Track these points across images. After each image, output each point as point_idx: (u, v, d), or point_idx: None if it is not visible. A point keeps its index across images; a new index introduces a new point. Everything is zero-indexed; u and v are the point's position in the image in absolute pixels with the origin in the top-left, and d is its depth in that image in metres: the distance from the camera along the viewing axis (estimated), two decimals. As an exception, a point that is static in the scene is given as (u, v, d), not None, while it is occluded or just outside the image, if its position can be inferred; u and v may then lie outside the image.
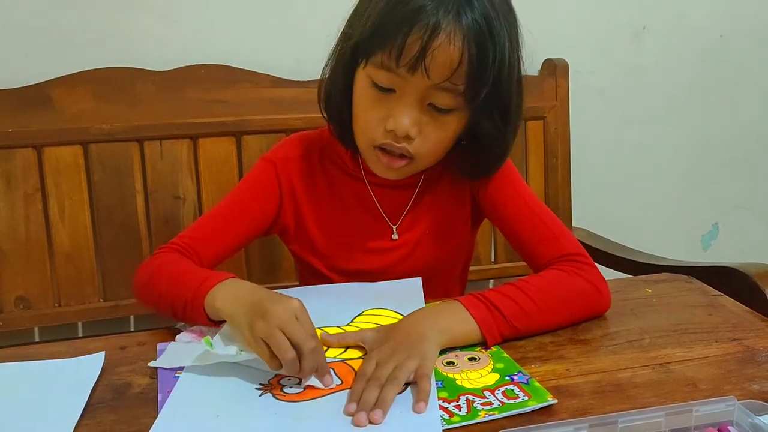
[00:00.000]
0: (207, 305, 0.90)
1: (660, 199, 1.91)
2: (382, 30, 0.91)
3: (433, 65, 0.90)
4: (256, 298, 0.85)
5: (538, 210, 1.06)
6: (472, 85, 0.92)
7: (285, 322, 0.80)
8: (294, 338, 0.79)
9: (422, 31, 0.88)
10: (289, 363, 0.79)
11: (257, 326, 0.80)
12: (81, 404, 0.79)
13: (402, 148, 0.97)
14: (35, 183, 1.39)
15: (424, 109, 0.95)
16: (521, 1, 0.99)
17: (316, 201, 1.11)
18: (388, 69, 0.92)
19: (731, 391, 0.80)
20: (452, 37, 0.89)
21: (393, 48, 0.90)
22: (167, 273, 0.98)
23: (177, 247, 1.04)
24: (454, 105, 0.94)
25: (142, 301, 1.03)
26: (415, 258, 1.12)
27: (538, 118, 1.64)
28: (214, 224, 1.08)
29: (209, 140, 1.47)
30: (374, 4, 0.93)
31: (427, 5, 0.89)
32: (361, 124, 1.00)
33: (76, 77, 1.40)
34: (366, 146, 1.01)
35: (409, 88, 0.93)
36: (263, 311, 0.81)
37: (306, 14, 1.53)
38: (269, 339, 0.79)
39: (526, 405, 0.77)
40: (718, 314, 1.01)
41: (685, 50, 1.82)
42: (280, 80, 1.50)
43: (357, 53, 0.95)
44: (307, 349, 0.79)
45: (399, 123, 0.94)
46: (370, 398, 0.76)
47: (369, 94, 0.96)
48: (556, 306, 0.94)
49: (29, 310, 1.41)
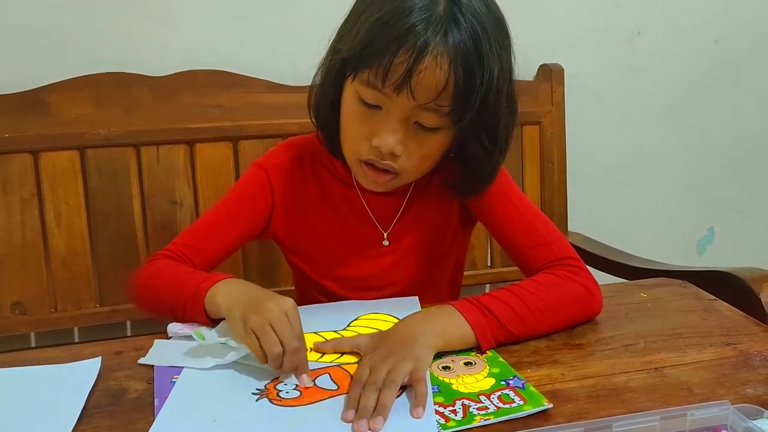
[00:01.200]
0: (207, 302, 0.93)
1: (656, 203, 1.92)
2: (369, 48, 0.90)
3: (419, 87, 0.89)
4: (254, 294, 0.90)
5: (529, 214, 1.06)
6: (458, 107, 0.92)
7: (275, 319, 0.84)
8: (281, 335, 0.83)
9: (409, 52, 0.88)
10: (274, 358, 0.82)
11: (250, 319, 0.84)
12: (77, 409, 0.79)
13: (387, 165, 0.97)
14: (31, 188, 1.39)
15: (410, 127, 0.95)
16: (516, 7, 0.99)
17: (307, 207, 1.11)
18: (375, 87, 0.92)
19: (725, 396, 0.80)
20: (439, 60, 0.88)
21: (380, 67, 0.89)
22: (166, 275, 1.01)
23: (171, 254, 1.06)
24: (440, 124, 0.94)
25: (139, 305, 1.05)
26: (406, 263, 1.12)
27: (534, 123, 1.64)
28: (206, 231, 1.10)
29: (206, 145, 1.47)
30: (363, 20, 0.92)
31: (417, 25, 0.88)
32: (347, 138, 1.00)
33: (72, 82, 1.41)
34: (352, 159, 1.01)
35: (394, 107, 0.93)
36: (257, 306, 0.85)
37: (302, 19, 1.54)
38: (259, 332, 0.83)
39: (522, 410, 0.77)
40: (712, 319, 1.01)
41: (680, 54, 1.83)
42: (276, 85, 1.50)
43: (345, 68, 0.95)
44: (290, 348, 0.83)
45: (384, 141, 0.94)
46: (369, 404, 0.77)
47: (356, 109, 0.96)
48: (549, 310, 0.95)
49: (25, 316, 1.41)
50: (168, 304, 0.98)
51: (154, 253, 1.08)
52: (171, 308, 0.97)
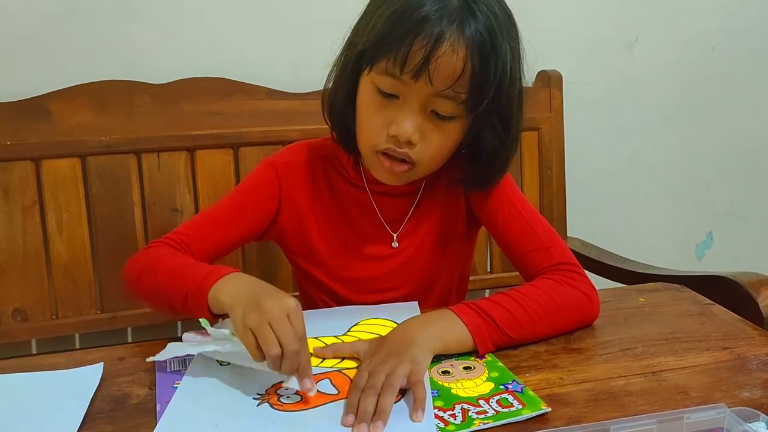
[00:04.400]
0: (211, 297, 0.90)
1: (654, 208, 1.93)
2: (387, 38, 0.92)
3: (437, 73, 0.91)
4: (256, 291, 0.87)
5: (530, 219, 1.07)
6: (474, 94, 0.94)
7: (275, 319, 0.81)
8: (280, 337, 0.80)
9: (426, 39, 0.90)
10: (273, 359, 0.80)
11: (249, 317, 0.82)
12: (80, 415, 0.80)
13: (404, 153, 0.98)
14: (33, 195, 1.40)
15: (427, 116, 0.96)
16: (516, 13, 1.00)
17: (317, 208, 1.12)
18: (393, 75, 0.93)
19: (722, 399, 0.81)
20: (456, 47, 0.91)
21: (398, 55, 0.91)
22: (166, 265, 0.99)
23: (171, 242, 1.04)
24: (456, 113, 0.96)
25: (133, 292, 1.02)
26: (414, 265, 1.13)
27: (533, 129, 1.65)
28: (210, 223, 1.09)
29: (206, 152, 1.47)
30: (380, 14, 0.95)
31: (431, 15, 0.90)
32: (364, 129, 1.01)
33: (73, 90, 1.41)
34: (368, 151, 1.02)
35: (412, 94, 0.94)
36: (258, 304, 0.83)
37: (302, 27, 1.55)
38: (257, 331, 0.81)
39: (521, 413, 0.78)
40: (710, 323, 1.02)
41: (677, 61, 1.84)
42: (276, 92, 1.51)
43: (362, 60, 0.97)
44: (290, 350, 0.80)
45: (401, 128, 0.95)
46: (368, 408, 0.77)
47: (373, 99, 0.98)
48: (547, 315, 0.95)
49: (26, 322, 1.42)
50: (166, 295, 0.95)
51: (152, 240, 1.07)
52: (169, 298, 0.94)
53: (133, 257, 1.05)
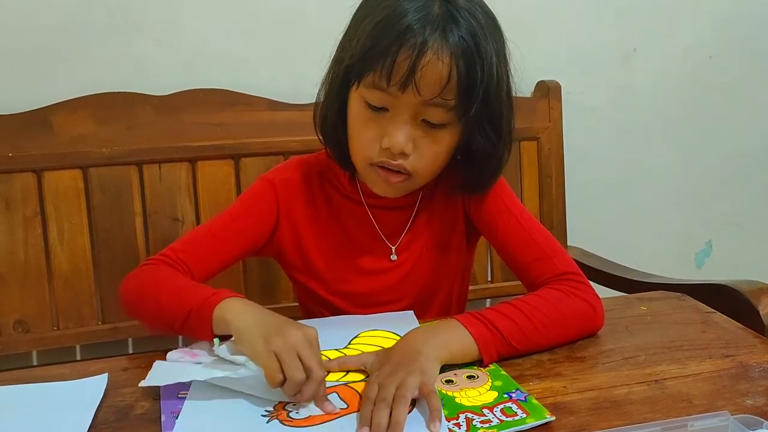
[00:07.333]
0: (216, 316, 0.90)
1: (654, 217, 1.93)
2: (371, 51, 0.93)
3: (423, 82, 0.92)
4: (275, 319, 0.88)
5: (531, 229, 1.07)
6: (463, 100, 0.94)
7: (302, 345, 0.82)
8: (307, 362, 0.81)
9: (410, 50, 0.91)
10: (296, 383, 0.80)
11: (274, 340, 0.82)
12: (85, 426, 0.80)
13: (399, 165, 0.98)
14: (35, 207, 1.40)
15: (418, 125, 0.97)
16: (514, 25, 1.01)
17: (315, 224, 1.12)
18: (380, 89, 0.94)
19: (725, 407, 0.81)
20: (440, 54, 0.91)
21: (383, 68, 0.92)
22: (168, 286, 0.98)
23: (168, 260, 1.04)
24: (447, 120, 0.96)
25: (132, 311, 1.01)
26: (414, 278, 1.13)
27: (532, 139, 1.66)
28: (206, 240, 1.08)
29: (207, 163, 1.48)
30: (363, 27, 0.95)
31: (414, 25, 0.91)
32: (356, 144, 1.01)
33: (75, 102, 1.42)
34: (363, 165, 1.02)
35: (401, 106, 0.95)
36: (282, 330, 0.84)
37: (303, 38, 1.55)
38: (282, 355, 0.81)
39: (525, 422, 0.78)
40: (711, 331, 1.02)
41: (675, 70, 1.85)
42: (277, 103, 1.52)
43: (349, 75, 0.97)
44: (317, 376, 0.81)
45: (394, 140, 0.96)
46: (382, 421, 0.77)
47: (363, 114, 0.98)
48: (552, 325, 0.95)
49: (28, 334, 1.42)
50: (168, 314, 0.94)
51: (149, 258, 1.06)
52: (170, 318, 0.94)
53: (131, 275, 1.03)
